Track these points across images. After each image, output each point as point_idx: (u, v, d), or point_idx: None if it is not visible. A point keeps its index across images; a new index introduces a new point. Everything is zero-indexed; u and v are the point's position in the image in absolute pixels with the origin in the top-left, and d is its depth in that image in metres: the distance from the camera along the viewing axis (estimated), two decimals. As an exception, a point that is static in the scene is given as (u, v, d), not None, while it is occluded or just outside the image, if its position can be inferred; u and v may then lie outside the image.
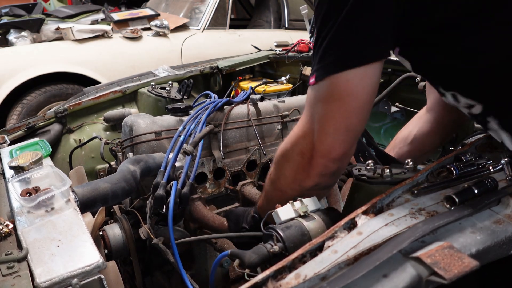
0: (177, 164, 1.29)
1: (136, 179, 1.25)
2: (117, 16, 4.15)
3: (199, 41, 4.06)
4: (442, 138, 1.29)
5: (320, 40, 0.83)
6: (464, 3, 0.78)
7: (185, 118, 1.52)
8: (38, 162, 1.15)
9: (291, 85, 2.53)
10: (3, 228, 0.93)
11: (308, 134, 0.89)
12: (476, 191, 0.78)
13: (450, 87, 0.92)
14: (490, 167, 0.89)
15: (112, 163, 1.77)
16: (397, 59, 0.96)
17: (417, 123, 1.30)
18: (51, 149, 1.52)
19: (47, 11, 4.90)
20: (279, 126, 1.69)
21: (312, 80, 0.85)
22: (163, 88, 2.28)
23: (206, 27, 4.14)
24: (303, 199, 0.92)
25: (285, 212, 0.91)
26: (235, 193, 1.51)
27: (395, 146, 1.34)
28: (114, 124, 2.28)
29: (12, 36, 3.75)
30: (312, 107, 0.87)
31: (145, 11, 4.25)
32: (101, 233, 1.25)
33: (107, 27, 3.79)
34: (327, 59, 0.81)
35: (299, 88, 2.60)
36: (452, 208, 0.77)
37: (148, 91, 2.32)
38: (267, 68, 3.03)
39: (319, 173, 0.90)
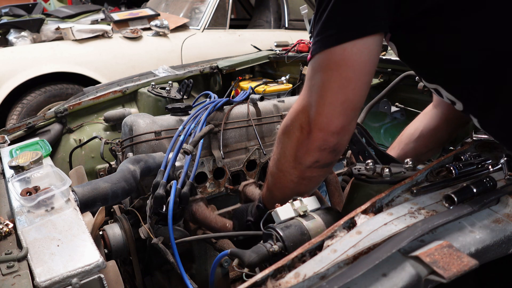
0: (177, 163, 1.29)
1: (136, 178, 1.25)
2: (117, 16, 4.15)
3: (199, 41, 4.06)
4: (449, 133, 1.27)
5: (318, 15, 0.83)
6: None
7: (185, 118, 1.52)
8: (38, 162, 1.15)
9: (291, 85, 2.53)
10: (3, 227, 0.93)
11: (306, 107, 0.88)
12: (475, 190, 0.78)
13: (433, 80, 0.92)
14: (489, 167, 0.89)
15: (112, 163, 1.77)
16: (397, 59, 0.96)
17: (423, 119, 1.29)
18: (51, 149, 1.52)
19: (47, 11, 4.90)
20: (278, 126, 1.69)
21: (309, 56, 0.86)
22: (163, 88, 2.29)
23: (206, 27, 4.14)
24: (302, 199, 0.93)
25: (284, 211, 0.91)
26: (235, 192, 1.51)
27: (400, 143, 1.32)
28: (114, 124, 2.28)
29: (12, 36, 3.75)
30: (310, 80, 0.87)
31: (145, 11, 4.25)
32: (101, 232, 1.25)
33: (107, 27, 3.79)
34: (324, 33, 0.81)
35: (299, 88, 2.60)
36: (451, 207, 0.77)
37: (148, 91, 2.33)
38: (267, 68, 3.03)
39: (318, 147, 0.89)
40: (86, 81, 3.56)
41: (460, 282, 0.62)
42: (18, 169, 1.12)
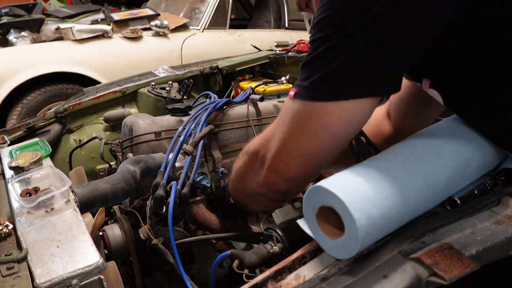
0: (177, 164, 1.29)
1: (136, 179, 1.25)
2: (117, 16, 4.14)
3: (199, 41, 4.06)
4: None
5: (319, 51, 0.68)
6: None
7: (185, 118, 1.52)
8: (38, 163, 1.15)
9: (291, 85, 2.53)
10: (3, 228, 0.93)
11: (270, 139, 0.81)
12: (475, 192, 0.78)
13: (489, 132, 0.79)
14: (490, 168, 0.89)
15: (112, 163, 1.77)
16: None
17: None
18: (51, 149, 1.51)
19: (47, 11, 4.90)
20: (279, 126, 1.69)
21: (291, 93, 0.74)
22: (163, 88, 2.28)
23: (206, 27, 4.13)
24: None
25: (285, 212, 0.91)
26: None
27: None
28: (114, 124, 2.27)
29: (12, 36, 3.75)
30: (282, 117, 0.78)
31: (145, 11, 4.24)
32: (101, 233, 1.25)
33: (107, 27, 3.79)
34: (317, 83, 0.68)
35: (299, 88, 2.59)
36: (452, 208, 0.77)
37: (148, 91, 2.32)
38: (267, 68, 3.02)
39: (267, 184, 0.83)
40: (86, 81, 3.55)
41: (459, 284, 0.62)
42: (18, 169, 1.12)
